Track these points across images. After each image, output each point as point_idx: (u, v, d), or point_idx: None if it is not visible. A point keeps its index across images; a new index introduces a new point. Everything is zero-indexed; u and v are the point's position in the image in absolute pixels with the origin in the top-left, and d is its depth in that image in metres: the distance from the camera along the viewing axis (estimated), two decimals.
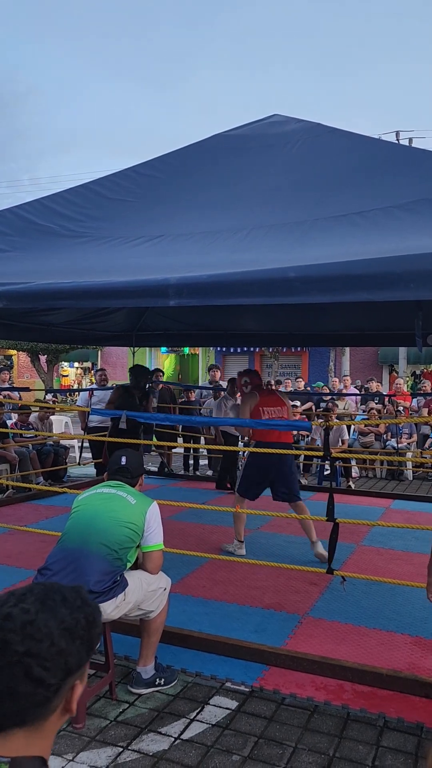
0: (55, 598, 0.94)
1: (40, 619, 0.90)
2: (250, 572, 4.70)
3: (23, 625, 0.89)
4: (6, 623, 0.89)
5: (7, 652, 0.87)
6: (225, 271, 2.81)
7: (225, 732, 2.72)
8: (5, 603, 0.92)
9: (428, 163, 3.93)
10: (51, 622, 0.91)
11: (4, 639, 0.88)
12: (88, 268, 3.41)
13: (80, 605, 0.96)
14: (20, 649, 0.87)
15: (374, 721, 2.81)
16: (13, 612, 0.90)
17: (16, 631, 0.88)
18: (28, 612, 0.90)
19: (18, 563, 4.89)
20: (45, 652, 0.89)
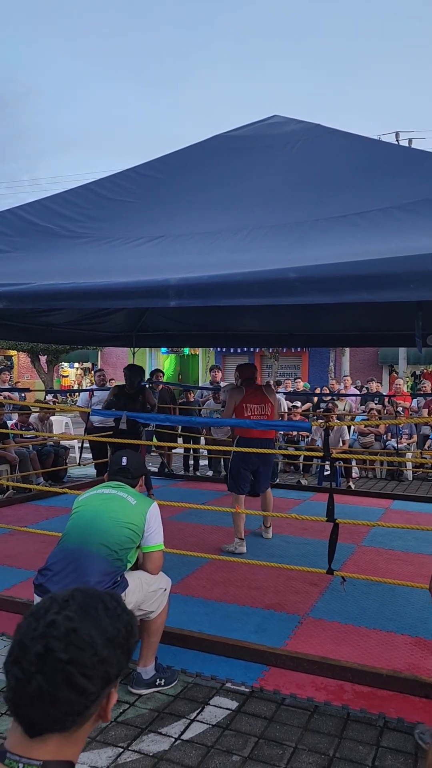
0: (97, 607, 0.94)
1: (83, 627, 0.90)
2: (250, 573, 4.70)
3: (67, 633, 0.89)
4: (50, 630, 0.89)
5: (50, 660, 0.87)
6: (225, 272, 2.81)
7: (225, 732, 2.72)
8: (48, 610, 0.92)
9: (428, 164, 3.94)
10: (94, 631, 0.91)
11: (48, 646, 0.88)
12: (88, 269, 3.42)
13: (120, 614, 0.97)
14: (63, 657, 0.88)
15: (374, 722, 2.81)
16: (57, 620, 0.90)
17: (60, 639, 0.88)
18: (72, 620, 0.91)
19: (18, 564, 4.89)
20: (87, 661, 0.89)
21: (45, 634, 0.89)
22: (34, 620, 0.91)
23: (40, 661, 0.87)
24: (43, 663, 0.87)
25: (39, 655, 0.87)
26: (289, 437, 10.45)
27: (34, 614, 0.93)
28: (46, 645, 0.88)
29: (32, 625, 0.91)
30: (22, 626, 0.92)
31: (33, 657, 0.88)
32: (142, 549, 2.96)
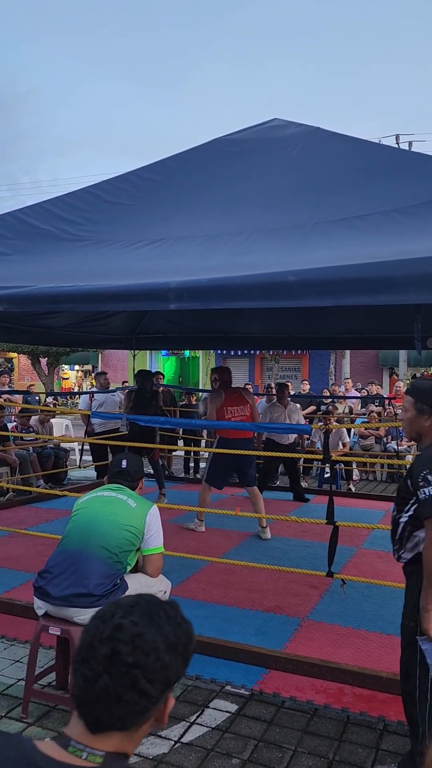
0: (160, 614, 0.98)
1: (148, 633, 0.95)
2: (250, 575, 4.70)
3: (133, 638, 0.94)
4: (117, 634, 0.94)
5: (117, 661, 0.92)
6: (225, 275, 2.82)
7: (225, 735, 2.72)
8: (115, 614, 0.97)
9: (428, 167, 3.95)
10: (157, 637, 0.95)
11: (116, 649, 0.93)
12: (88, 272, 3.42)
13: (180, 622, 1.00)
14: (129, 660, 0.92)
15: (374, 725, 2.81)
16: (124, 624, 0.95)
17: (127, 643, 0.93)
18: (138, 625, 0.95)
19: (18, 566, 4.89)
20: (151, 666, 0.93)
21: (112, 637, 0.93)
22: (102, 623, 0.96)
23: (107, 662, 0.92)
24: (110, 664, 0.92)
25: (106, 656, 0.92)
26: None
27: (101, 617, 0.98)
28: (114, 648, 0.93)
29: (100, 627, 0.95)
30: (90, 628, 0.97)
31: (101, 658, 0.92)
32: (141, 551, 2.96)
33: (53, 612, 2.78)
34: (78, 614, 2.70)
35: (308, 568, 4.24)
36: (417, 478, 2.27)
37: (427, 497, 2.21)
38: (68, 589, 2.70)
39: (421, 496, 2.23)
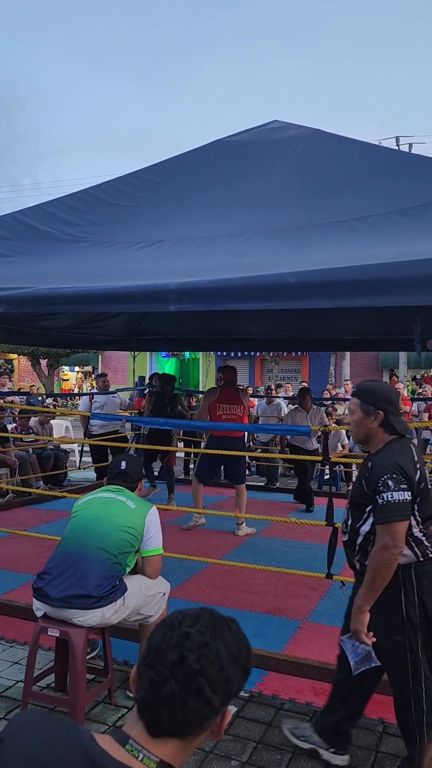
0: (224, 627, 1.01)
1: (213, 643, 0.97)
2: (249, 577, 4.70)
3: (199, 646, 0.96)
4: (185, 641, 0.96)
5: (184, 668, 0.94)
6: (224, 277, 2.82)
7: (224, 737, 2.72)
8: (182, 622, 0.99)
9: (427, 169, 3.95)
10: (222, 648, 0.97)
11: (183, 655, 0.95)
12: (88, 273, 3.42)
13: (241, 637, 1.03)
14: (196, 667, 0.94)
15: (373, 727, 2.81)
16: (191, 632, 0.97)
17: (193, 651, 0.95)
18: (204, 635, 0.97)
19: (17, 568, 4.89)
20: (215, 675, 0.95)
21: (180, 644, 0.95)
22: (169, 630, 0.98)
23: (174, 667, 0.94)
24: (177, 670, 0.94)
25: (174, 662, 0.94)
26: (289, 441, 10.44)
27: (168, 624, 1.00)
28: (181, 654, 0.95)
29: (167, 634, 0.98)
30: (158, 634, 0.99)
31: (168, 663, 0.94)
32: (141, 553, 2.96)
33: (52, 613, 2.77)
34: (77, 616, 2.69)
35: (308, 570, 4.24)
36: (377, 482, 2.25)
37: (385, 503, 2.20)
38: (67, 590, 2.69)
39: (379, 501, 2.22)
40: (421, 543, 2.31)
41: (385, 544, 2.20)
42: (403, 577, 2.29)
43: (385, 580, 2.22)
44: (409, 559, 2.29)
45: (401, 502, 2.20)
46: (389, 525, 2.19)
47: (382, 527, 2.21)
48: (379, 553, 2.21)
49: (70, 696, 2.77)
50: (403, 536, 2.21)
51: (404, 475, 2.23)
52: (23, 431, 8.77)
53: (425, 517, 2.33)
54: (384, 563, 2.20)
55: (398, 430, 2.37)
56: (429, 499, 2.34)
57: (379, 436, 2.39)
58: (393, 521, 2.19)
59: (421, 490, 2.30)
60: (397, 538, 2.19)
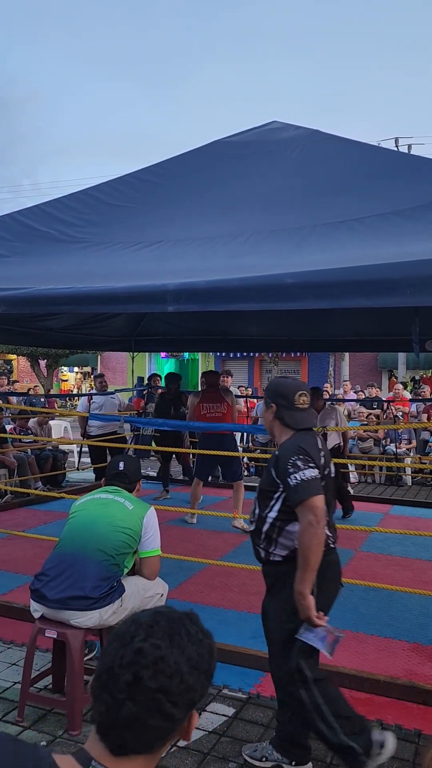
0: (181, 633, 0.95)
1: (170, 655, 0.92)
2: (248, 578, 4.68)
3: (155, 661, 0.90)
4: (138, 658, 0.90)
5: (140, 688, 0.89)
6: (223, 277, 2.82)
7: (222, 739, 2.71)
8: (135, 636, 0.93)
9: (426, 170, 3.95)
10: (180, 659, 0.92)
11: (138, 675, 0.89)
12: (87, 274, 3.42)
13: (202, 638, 0.98)
14: (153, 685, 0.89)
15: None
16: (145, 647, 0.91)
17: (149, 667, 0.90)
18: (159, 648, 0.91)
19: (15, 569, 4.88)
20: (175, 689, 0.90)
21: (133, 662, 0.90)
22: (121, 646, 0.92)
23: (130, 689, 0.89)
24: (133, 691, 0.88)
25: (129, 683, 0.89)
26: None
27: (120, 638, 0.94)
28: (135, 673, 0.89)
29: (119, 651, 0.92)
30: (110, 652, 0.93)
31: (123, 685, 0.89)
32: (139, 554, 2.95)
33: (50, 615, 2.77)
34: (74, 617, 2.69)
35: None
36: (286, 465, 2.28)
37: (297, 482, 2.23)
38: (65, 591, 2.69)
39: (291, 483, 2.25)
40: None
41: (308, 521, 2.19)
42: None
43: (318, 557, 2.22)
44: None
45: (313, 478, 2.23)
46: (307, 501, 2.20)
47: (302, 506, 2.22)
48: (305, 532, 2.21)
49: (68, 698, 2.76)
50: (323, 511, 2.22)
51: (308, 456, 2.29)
52: (22, 432, 8.76)
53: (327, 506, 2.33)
54: (312, 540, 2.20)
55: (288, 423, 2.42)
56: (329, 489, 2.40)
57: (277, 428, 2.47)
58: (311, 496, 2.20)
59: (325, 477, 2.35)
60: (319, 514, 2.20)
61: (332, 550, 2.41)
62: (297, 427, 2.42)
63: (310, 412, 2.49)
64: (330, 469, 2.45)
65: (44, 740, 2.68)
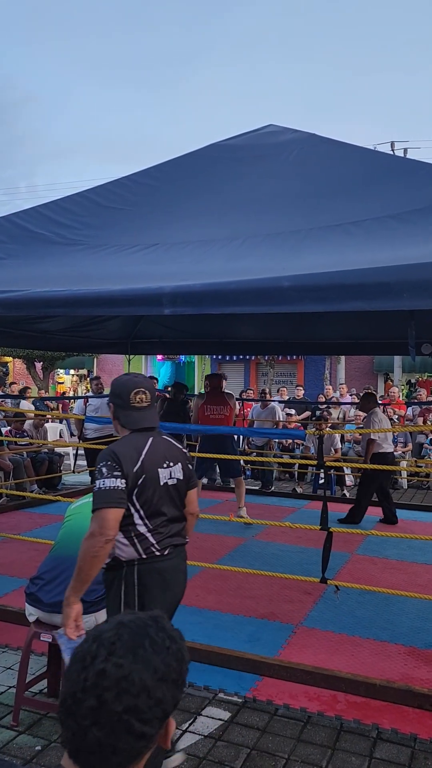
0: (145, 645, 0.90)
1: (134, 672, 0.87)
2: (244, 581, 4.68)
3: (118, 681, 0.86)
4: (101, 681, 0.86)
5: (105, 712, 0.84)
6: (219, 280, 2.82)
7: (217, 743, 2.70)
8: (96, 656, 0.88)
9: (422, 174, 3.96)
10: (145, 674, 0.87)
11: (102, 698, 0.85)
12: (83, 276, 3.42)
13: (168, 645, 0.92)
14: (118, 708, 0.84)
15: (367, 732, 2.80)
16: (107, 668, 0.86)
17: (112, 689, 0.85)
18: (122, 667, 0.87)
19: (10, 572, 4.86)
20: (143, 706, 0.86)
21: (96, 685, 0.85)
22: (83, 669, 0.88)
23: (94, 714, 0.84)
24: (97, 716, 0.84)
25: (92, 708, 0.84)
26: (284, 445, 10.45)
27: (81, 661, 0.89)
28: (99, 697, 0.85)
29: (81, 675, 0.87)
30: (71, 676, 0.88)
31: (86, 710, 0.85)
32: None
33: (45, 619, 2.76)
34: None
35: (302, 575, 4.23)
36: (96, 470, 2.24)
37: (96, 489, 2.19)
38: (60, 595, 2.67)
39: (95, 489, 2.21)
40: (144, 539, 2.26)
41: (91, 531, 2.15)
42: (125, 574, 2.25)
43: (91, 570, 2.16)
44: (130, 555, 2.25)
45: (112, 489, 2.16)
46: (97, 512, 2.16)
47: (94, 515, 2.18)
48: (86, 541, 2.16)
49: None
50: (111, 525, 2.14)
51: (118, 463, 2.20)
52: (17, 434, 8.74)
53: (152, 512, 2.27)
54: (88, 551, 2.14)
55: (123, 423, 2.37)
56: (160, 496, 2.29)
57: (118, 428, 2.41)
58: (100, 508, 2.15)
59: (144, 484, 2.24)
60: (104, 526, 2.13)
61: (157, 558, 2.29)
62: (132, 427, 2.35)
63: (148, 412, 2.38)
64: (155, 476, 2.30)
65: (39, 745, 2.67)
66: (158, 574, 2.28)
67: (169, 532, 2.33)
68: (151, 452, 2.29)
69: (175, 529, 2.37)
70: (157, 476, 2.29)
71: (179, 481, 2.38)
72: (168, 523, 2.33)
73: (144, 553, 2.25)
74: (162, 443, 2.38)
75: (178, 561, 2.39)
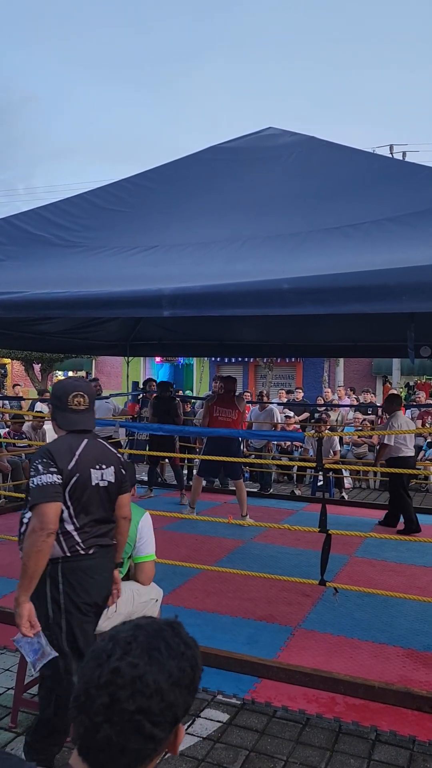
0: (161, 647, 0.91)
1: (148, 673, 0.87)
2: (242, 583, 4.68)
3: (132, 681, 0.86)
4: (115, 679, 0.86)
5: (117, 710, 0.85)
6: (218, 282, 2.82)
7: (216, 745, 2.70)
8: (111, 654, 0.89)
9: (421, 177, 3.97)
10: (160, 676, 0.88)
11: (115, 696, 0.85)
12: (82, 278, 3.42)
13: (183, 650, 0.93)
14: (131, 707, 0.85)
15: (366, 735, 2.80)
16: (121, 666, 0.87)
17: (126, 688, 0.86)
18: (137, 667, 0.87)
19: (8, 574, 4.86)
20: (155, 708, 0.86)
21: (110, 683, 0.86)
22: (97, 666, 0.88)
23: (107, 711, 0.85)
24: (110, 713, 0.85)
25: (105, 705, 0.85)
26: (282, 448, 10.45)
27: (96, 658, 0.90)
28: (112, 695, 0.85)
29: (96, 671, 0.88)
30: (86, 672, 0.89)
31: (99, 707, 0.85)
32: (133, 559, 2.95)
33: None
34: None
35: (301, 577, 4.23)
36: (31, 468, 2.28)
37: (33, 486, 2.22)
38: None
39: (30, 486, 2.24)
40: (70, 537, 2.29)
41: (32, 527, 2.18)
42: (50, 571, 2.28)
43: (37, 566, 2.19)
44: (56, 553, 2.27)
45: (49, 484, 2.21)
46: (36, 507, 2.19)
47: (33, 511, 2.20)
48: (28, 537, 2.19)
49: None
50: (52, 519, 2.18)
51: (53, 460, 2.25)
52: (16, 436, 8.73)
53: (80, 511, 2.31)
54: (32, 547, 2.17)
55: (60, 424, 2.43)
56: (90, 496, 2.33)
57: (56, 429, 2.46)
58: (39, 503, 2.18)
59: (77, 482, 2.29)
60: (44, 521, 2.16)
61: (82, 556, 2.32)
62: (68, 429, 2.40)
63: (85, 415, 2.44)
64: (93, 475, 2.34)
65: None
66: (82, 573, 2.33)
67: (96, 532, 2.38)
68: (84, 453, 2.36)
69: (103, 530, 2.41)
70: (89, 476, 2.34)
71: (111, 484, 2.43)
72: (95, 523, 2.37)
73: (68, 551, 2.29)
74: (97, 446, 2.44)
75: (104, 561, 2.43)
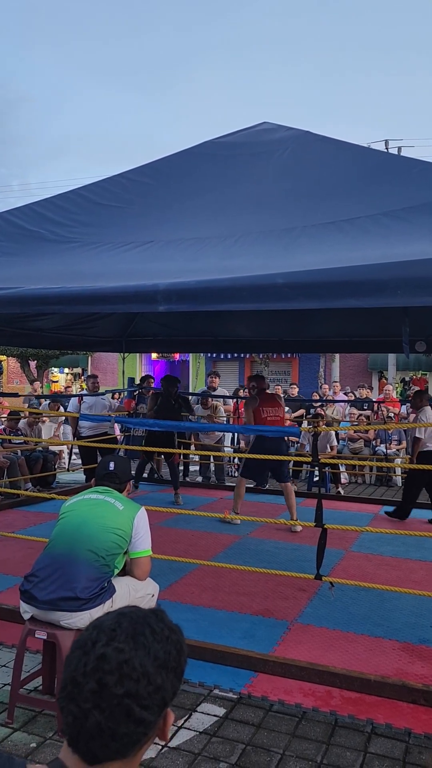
0: (145, 632, 0.92)
1: (134, 658, 0.89)
2: (239, 578, 4.69)
3: (119, 666, 0.87)
4: (102, 665, 0.87)
5: (105, 696, 0.86)
6: (213, 277, 2.82)
7: (213, 739, 2.71)
8: (96, 641, 0.90)
9: (416, 172, 3.97)
10: (146, 660, 0.89)
11: (102, 682, 0.86)
12: (77, 274, 3.41)
13: (168, 635, 0.95)
14: (119, 691, 0.86)
15: (362, 728, 2.81)
16: (107, 652, 0.88)
17: (113, 673, 0.87)
18: (123, 651, 0.89)
19: (5, 570, 4.86)
20: (143, 691, 0.88)
21: (97, 669, 0.87)
22: (83, 654, 0.89)
23: (95, 697, 0.86)
24: (98, 699, 0.86)
25: (93, 691, 0.86)
26: None
27: (81, 647, 0.91)
28: (99, 680, 0.86)
29: (82, 659, 0.89)
30: (72, 661, 0.90)
31: (88, 694, 0.86)
32: (129, 555, 2.95)
33: (39, 616, 2.75)
34: (64, 618, 2.68)
35: (297, 571, 4.24)
36: None
37: None
38: (55, 593, 2.68)
39: None
40: None
41: None
42: None
43: None
44: None
45: None
46: None
47: None
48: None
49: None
50: None
51: None
52: (12, 433, 8.72)
53: None
54: None
55: None
56: None
57: None
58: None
59: None
60: None
61: None
62: None
63: None
64: None
65: (34, 742, 2.67)
66: None
67: None
68: None
69: None
70: None
71: None
72: None
73: None
74: None
75: None
